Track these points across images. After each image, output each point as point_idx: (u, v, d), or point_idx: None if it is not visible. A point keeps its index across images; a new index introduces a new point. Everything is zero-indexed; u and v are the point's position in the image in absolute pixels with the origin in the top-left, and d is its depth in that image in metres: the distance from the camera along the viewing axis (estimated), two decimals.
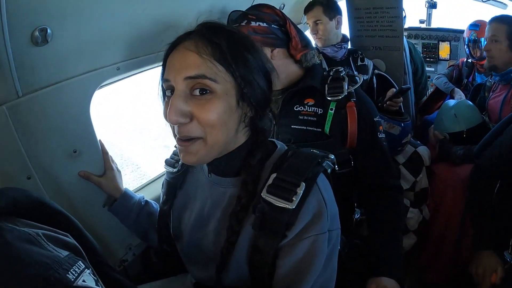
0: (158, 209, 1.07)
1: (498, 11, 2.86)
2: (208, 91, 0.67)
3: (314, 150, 0.77)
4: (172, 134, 0.73)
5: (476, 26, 2.51)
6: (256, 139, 0.76)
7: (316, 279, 0.70)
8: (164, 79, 0.70)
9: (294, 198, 0.67)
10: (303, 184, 0.68)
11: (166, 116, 0.69)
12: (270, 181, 0.71)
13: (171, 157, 0.98)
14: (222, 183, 0.79)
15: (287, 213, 0.67)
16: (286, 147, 0.81)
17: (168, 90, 0.70)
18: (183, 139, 0.69)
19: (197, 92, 0.67)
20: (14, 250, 0.54)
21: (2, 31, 0.76)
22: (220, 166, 0.78)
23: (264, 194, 0.70)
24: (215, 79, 0.66)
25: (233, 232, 0.73)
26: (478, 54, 2.52)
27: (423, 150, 1.97)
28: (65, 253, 0.59)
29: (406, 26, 3.44)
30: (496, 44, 1.90)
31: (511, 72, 1.90)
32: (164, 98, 0.74)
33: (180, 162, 0.92)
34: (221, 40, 0.68)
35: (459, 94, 2.58)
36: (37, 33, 0.83)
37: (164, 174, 1.51)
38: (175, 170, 0.93)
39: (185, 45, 0.68)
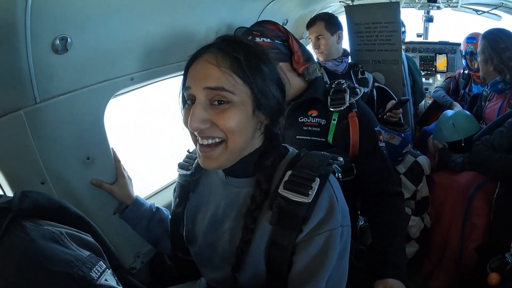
0: (169, 215, 1.08)
1: (493, 23, 2.95)
2: (225, 101, 0.71)
3: (324, 152, 0.81)
4: (193, 140, 0.77)
5: (473, 39, 2.60)
6: (270, 144, 0.80)
7: (330, 275, 0.72)
8: (186, 86, 0.74)
9: (310, 192, 0.70)
10: (317, 179, 0.72)
11: (186, 123, 0.73)
12: (286, 178, 0.74)
13: (185, 161, 1.00)
14: (236, 184, 0.82)
15: (304, 207, 0.70)
16: (297, 151, 0.84)
17: (189, 100, 0.74)
18: (205, 144, 0.73)
19: (215, 102, 0.71)
20: (39, 247, 0.55)
21: (24, 38, 0.80)
22: (235, 168, 0.80)
23: (281, 190, 0.73)
24: (232, 91, 0.70)
25: (248, 231, 0.75)
26: (476, 66, 2.59)
27: (423, 159, 2.02)
28: (86, 252, 0.61)
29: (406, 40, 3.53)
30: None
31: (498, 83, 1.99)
32: (184, 106, 0.78)
33: (194, 165, 0.95)
34: (239, 53, 0.72)
35: (457, 107, 2.64)
36: (57, 41, 0.87)
37: (171, 184, 1.56)
38: (188, 172, 0.95)
39: (206, 58, 0.72)
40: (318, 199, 0.71)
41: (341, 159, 0.80)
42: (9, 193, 0.92)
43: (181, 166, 0.99)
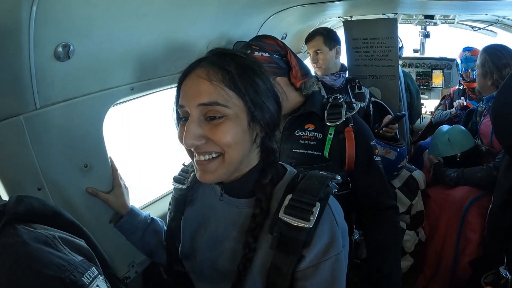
0: (164, 227, 1.08)
1: (489, 39, 3.01)
2: (219, 116, 0.70)
3: (322, 172, 0.80)
4: (189, 156, 0.77)
5: (469, 47, 2.67)
6: (267, 159, 0.80)
7: None
8: (179, 105, 0.74)
9: (311, 218, 0.70)
10: (318, 204, 0.71)
11: (181, 139, 0.73)
12: (286, 202, 0.73)
13: (180, 174, 0.99)
14: (237, 204, 0.81)
15: (304, 231, 0.70)
16: (295, 170, 0.84)
17: (183, 117, 0.74)
18: (202, 160, 0.72)
19: (209, 118, 0.70)
20: (31, 250, 0.56)
21: (28, 44, 0.80)
22: (234, 188, 0.81)
23: (281, 215, 0.72)
24: (226, 105, 0.70)
25: (249, 249, 0.75)
26: (470, 76, 2.66)
27: (418, 174, 2.04)
28: (79, 257, 0.61)
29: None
30: None
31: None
32: (178, 122, 0.77)
33: (189, 179, 0.94)
34: (231, 66, 0.72)
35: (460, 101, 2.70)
36: (60, 48, 0.88)
37: (167, 194, 1.55)
38: (184, 186, 0.95)
39: (197, 73, 0.72)
40: (319, 223, 0.71)
41: (338, 177, 0.79)
42: (5, 198, 0.91)
43: (176, 180, 0.98)
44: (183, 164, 1.03)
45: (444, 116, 2.82)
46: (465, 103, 2.70)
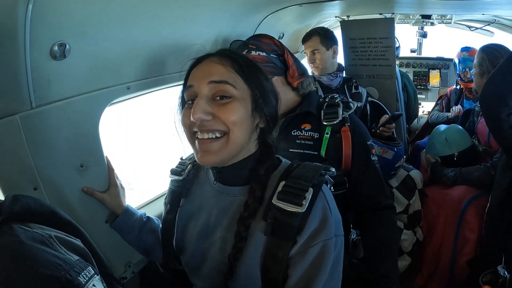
0: (160, 225, 1.07)
1: (486, 39, 3.02)
2: (228, 96, 0.75)
3: (316, 163, 0.81)
4: (189, 140, 0.79)
5: (468, 48, 2.68)
6: (264, 151, 0.82)
7: (324, 284, 0.72)
8: (188, 85, 0.77)
9: (303, 202, 0.71)
10: (311, 189, 0.72)
11: (185, 122, 0.77)
12: (279, 188, 0.75)
13: (177, 167, 1.00)
14: (229, 192, 0.82)
15: (298, 217, 0.71)
16: (290, 161, 0.85)
17: (189, 100, 0.77)
18: (205, 138, 0.74)
19: (218, 98, 0.75)
20: (28, 249, 0.56)
21: (23, 43, 0.80)
22: (228, 175, 0.82)
23: (275, 201, 0.73)
24: (235, 86, 0.75)
25: (241, 238, 0.75)
26: (468, 76, 2.67)
27: (415, 173, 2.04)
28: (75, 257, 0.61)
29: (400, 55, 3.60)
30: None
31: None
32: (183, 107, 0.80)
33: (186, 171, 0.95)
34: (240, 60, 0.79)
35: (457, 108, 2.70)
36: (56, 47, 0.88)
37: (163, 194, 1.55)
38: (181, 178, 0.95)
39: (210, 59, 0.78)
40: (312, 209, 0.72)
41: (333, 169, 0.80)
42: (1, 198, 0.91)
43: (173, 172, 0.99)
44: (181, 158, 1.04)
45: (441, 118, 2.83)
46: (462, 110, 2.70)
